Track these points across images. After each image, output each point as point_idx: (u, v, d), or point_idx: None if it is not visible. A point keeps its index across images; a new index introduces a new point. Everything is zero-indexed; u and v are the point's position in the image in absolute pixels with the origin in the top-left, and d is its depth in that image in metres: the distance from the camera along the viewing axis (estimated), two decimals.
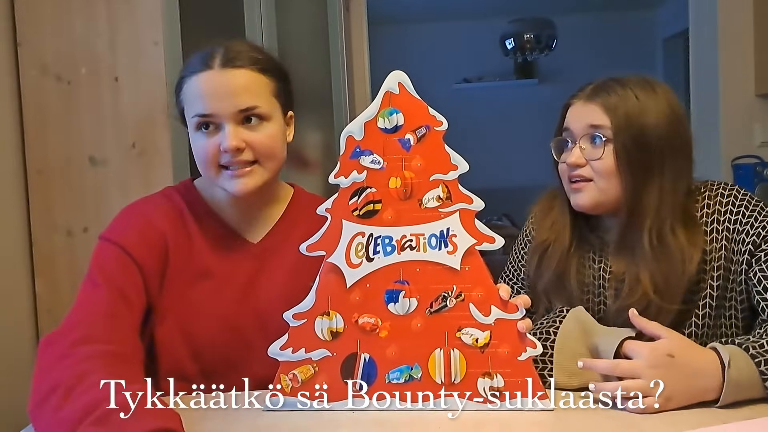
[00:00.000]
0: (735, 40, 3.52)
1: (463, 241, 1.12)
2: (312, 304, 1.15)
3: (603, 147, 1.28)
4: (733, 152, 3.58)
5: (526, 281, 1.48)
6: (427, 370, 1.12)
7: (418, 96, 1.16)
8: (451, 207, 1.13)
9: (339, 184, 1.16)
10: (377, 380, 1.13)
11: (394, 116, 1.15)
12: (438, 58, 6.19)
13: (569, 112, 1.36)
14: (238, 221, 1.37)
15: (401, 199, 1.14)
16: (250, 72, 1.27)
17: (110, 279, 1.22)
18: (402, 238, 1.14)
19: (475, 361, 1.11)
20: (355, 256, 1.15)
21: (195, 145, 1.28)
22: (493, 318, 1.11)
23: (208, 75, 1.25)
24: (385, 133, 1.15)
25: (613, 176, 1.29)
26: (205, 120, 1.25)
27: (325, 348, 1.15)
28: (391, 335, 1.13)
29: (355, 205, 1.15)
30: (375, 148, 1.15)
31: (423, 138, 1.14)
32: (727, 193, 1.33)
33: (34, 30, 2.09)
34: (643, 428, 1.02)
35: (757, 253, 1.27)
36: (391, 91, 1.15)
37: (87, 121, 2.08)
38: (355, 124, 1.16)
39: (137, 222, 1.30)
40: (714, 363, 1.09)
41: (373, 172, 1.15)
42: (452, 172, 1.13)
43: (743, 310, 1.31)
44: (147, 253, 1.26)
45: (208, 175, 1.29)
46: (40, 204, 2.12)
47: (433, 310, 1.13)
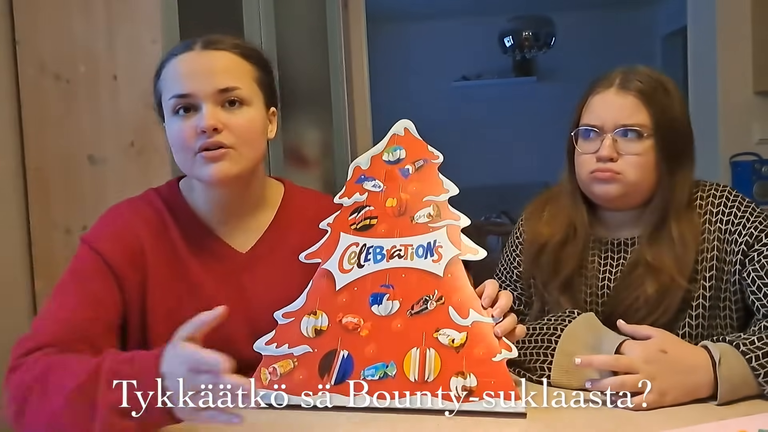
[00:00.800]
0: (733, 38, 3.52)
1: (447, 252, 1.19)
2: (302, 304, 1.22)
3: (641, 141, 1.28)
4: (732, 150, 3.58)
5: (519, 282, 1.48)
6: (402, 368, 1.13)
7: (420, 137, 1.31)
8: (440, 223, 1.22)
9: (342, 203, 1.30)
10: (353, 376, 1.15)
11: (397, 152, 1.31)
12: (437, 56, 6.20)
13: (595, 102, 1.33)
14: (225, 229, 1.31)
15: (395, 215, 1.25)
16: (232, 54, 1.23)
17: (85, 284, 1.18)
18: (392, 248, 1.22)
19: (449, 361, 1.12)
20: (348, 262, 1.23)
21: (170, 130, 1.22)
22: (470, 320, 1.13)
23: (188, 56, 1.22)
24: (388, 164, 1.30)
25: (650, 170, 1.30)
26: (183, 102, 1.19)
27: (308, 344, 1.18)
28: (371, 334, 1.16)
29: (353, 221, 1.27)
30: (378, 175, 1.30)
31: (420, 168, 1.28)
32: (719, 194, 1.34)
33: (32, 28, 2.09)
34: (641, 424, 1.02)
35: (750, 253, 1.28)
36: (397, 134, 1.32)
37: (86, 120, 2.08)
38: (364, 157, 1.33)
39: (117, 229, 1.25)
40: (705, 360, 1.10)
41: (374, 194, 1.28)
42: (443, 195, 1.25)
43: (737, 311, 1.32)
44: (124, 262, 1.21)
45: (183, 163, 1.23)
46: (38, 202, 2.12)
47: (414, 311, 1.16)
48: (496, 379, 1.09)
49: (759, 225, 1.29)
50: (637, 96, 1.29)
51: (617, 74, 1.33)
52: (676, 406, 1.08)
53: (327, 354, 1.17)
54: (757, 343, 1.11)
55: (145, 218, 1.27)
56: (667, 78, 1.34)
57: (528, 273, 1.44)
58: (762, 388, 1.09)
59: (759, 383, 1.09)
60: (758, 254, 1.27)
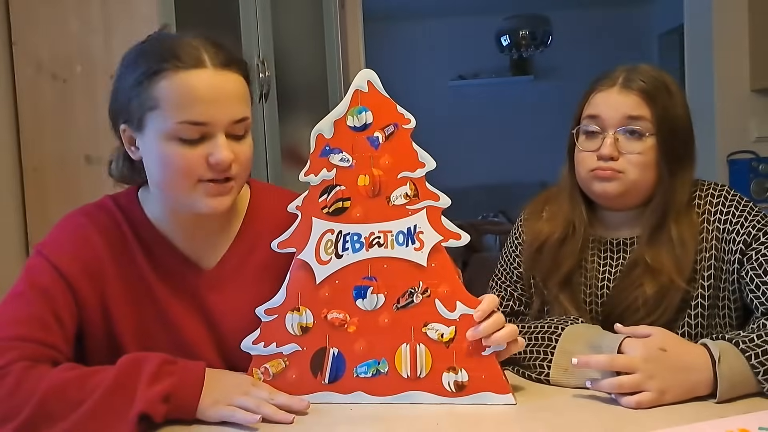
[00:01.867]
0: (730, 36, 3.53)
1: (429, 238, 1.14)
2: (283, 300, 1.17)
3: (643, 140, 1.29)
4: (729, 148, 3.59)
5: (519, 283, 1.47)
6: (393, 365, 1.13)
7: (386, 94, 1.15)
8: (419, 204, 1.14)
9: (309, 182, 1.18)
10: (346, 374, 1.15)
11: (363, 114, 1.15)
12: (433, 55, 6.20)
13: (597, 100, 1.33)
14: (188, 245, 1.23)
15: (370, 196, 1.15)
16: (240, 78, 1.14)
17: (42, 293, 1.12)
18: (370, 235, 1.16)
19: (440, 356, 1.12)
20: (325, 252, 1.17)
21: (166, 153, 1.10)
22: (458, 313, 1.13)
23: (202, 75, 1.09)
24: (354, 131, 1.16)
25: (651, 170, 1.30)
26: (197, 130, 1.09)
27: (296, 342, 1.17)
28: (359, 330, 1.16)
29: (324, 203, 1.17)
30: (344, 146, 1.16)
31: (391, 136, 1.15)
32: (717, 194, 1.34)
33: (29, 28, 2.09)
34: (642, 421, 1.02)
35: (748, 252, 1.28)
36: (360, 90, 1.15)
37: (82, 120, 2.07)
38: (325, 122, 1.17)
39: (74, 240, 1.18)
40: (704, 357, 1.10)
41: (342, 170, 1.16)
42: (419, 170, 1.14)
43: (736, 310, 1.32)
44: (81, 276, 1.15)
45: (176, 189, 1.13)
46: (35, 202, 2.11)
47: (400, 305, 1.15)
48: (486, 374, 1.10)
49: (757, 224, 1.29)
50: (640, 95, 1.29)
51: (620, 72, 1.33)
52: (675, 404, 1.08)
53: (317, 352, 1.16)
54: (757, 341, 1.11)
55: (103, 230, 1.20)
56: (670, 78, 1.34)
57: (528, 272, 1.44)
58: (761, 386, 1.09)
59: (758, 381, 1.09)
60: (756, 253, 1.27)
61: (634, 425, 1.02)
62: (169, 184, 1.14)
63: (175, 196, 1.15)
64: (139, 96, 1.10)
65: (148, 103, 1.09)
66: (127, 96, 1.12)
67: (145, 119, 1.11)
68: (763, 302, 1.25)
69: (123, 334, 1.18)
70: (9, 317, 1.10)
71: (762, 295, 1.25)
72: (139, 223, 1.21)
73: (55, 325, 1.10)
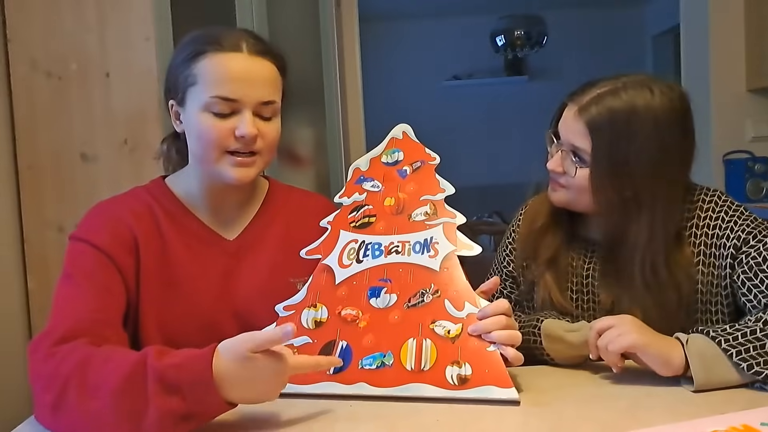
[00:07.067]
0: (726, 36, 3.54)
1: (443, 248, 1.23)
2: (302, 298, 1.25)
3: (580, 168, 1.29)
4: (725, 147, 3.60)
5: (509, 281, 1.51)
6: (398, 358, 1.15)
7: (417, 140, 1.34)
8: (436, 221, 1.26)
9: (342, 203, 1.34)
10: (351, 366, 1.17)
11: (395, 154, 1.35)
12: (428, 55, 6.21)
13: (564, 113, 1.33)
14: (213, 219, 1.35)
15: (393, 214, 1.29)
16: (272, 66, 1.28)
17: (90, 276, 1.19)
18: (390, 245, 1.26)
19: (445, 351, 1.14)
20: (347, 258, 1.27)
21: (201, 124, 1.24)
22: (466, 312, 1.16)
23: (237, 58, 1.24)
24: (387, 166, 1.34)
25: (584, 194, 1.31)
26: (227, 105, 1.22)
27: (308, 335, 1.21)
28: (369, 325, 1.19)
29: (353, 219, 1.31)
30: (376, 176, 1.34)
31: (418, 169, 1.32)
32: (708, 199, 1.34)
33: (24, 26, 2.08)
34: (641, 417, 1.02)
35: (738, 255, 1.28)
36: (395, 137, 1.36)
37: (78, 118, 2.07)
38: (363, 159, 1.37)
39: (107, 221, 1.27)
40: (675, 341, 1.14)
41: (372, 194, 1.33)
42: (440, 194, 1.28)
43: (729, 314, 1.32)
44: (120, 250, 1.23)
45: (207, 158, 1.26)
46: (31, 200, 2.11)
47: (411, 304, 1.19)
48: (490, 368, 1.11)
49: (746, 227, 1.29)
50: (586, 126, 1.27)
51: (588, 92, 1.29)
52: (675, 403, 1.08)
53: (326, 344, 1.19)
54: (729, 330, 1.14)
55: (131, 209, 1.29)
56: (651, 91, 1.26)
57: (520, 252, 1.47)
58: (740, 367, 1.10)
59: (734, 363, 1.10)
60: (746, 256, 1.27)
61: (633, 420, 1.02)
62: (198, 152, 1.28)
63: (207, 167, 1.28)
64: (183, 73, 1.26)
65: (190, 80, 1.25)
66: (174, 74, 1.28)
67: (186, 94, 1.26)
68: (755, 305, 1.25)
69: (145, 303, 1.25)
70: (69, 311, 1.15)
71: (754, 298, 1.25)
72: (168, 201, 1.33)
73: (110, 303, 1.18)
